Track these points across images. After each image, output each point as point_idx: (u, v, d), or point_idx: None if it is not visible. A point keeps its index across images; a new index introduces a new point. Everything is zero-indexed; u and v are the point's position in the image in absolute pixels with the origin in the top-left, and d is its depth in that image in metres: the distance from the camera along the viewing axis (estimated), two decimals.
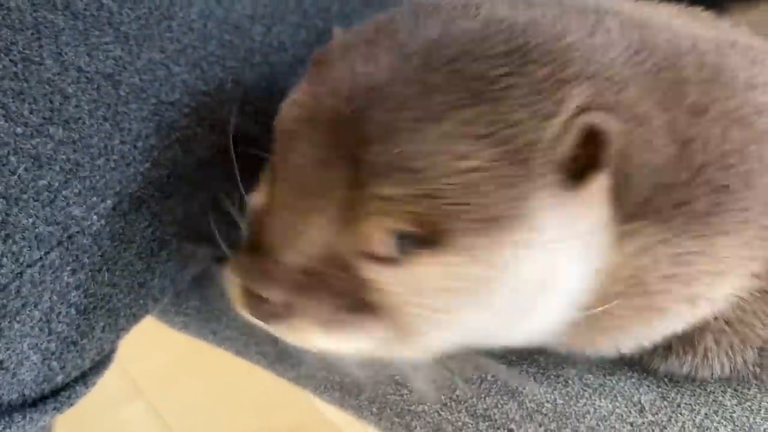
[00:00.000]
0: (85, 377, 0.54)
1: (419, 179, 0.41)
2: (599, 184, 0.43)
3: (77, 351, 0.52)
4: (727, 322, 0.49)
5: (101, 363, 0.56)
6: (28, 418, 0.50)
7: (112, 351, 0.56)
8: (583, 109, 0.42)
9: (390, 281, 0.44)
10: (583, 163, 0.42)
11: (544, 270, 0.44)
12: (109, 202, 0.51)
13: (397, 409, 0.54)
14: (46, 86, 0.49)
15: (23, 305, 0.48)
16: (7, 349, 0.48)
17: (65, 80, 0.49)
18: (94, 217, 0.50)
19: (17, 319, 0.48)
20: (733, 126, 0.46)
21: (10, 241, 0.47)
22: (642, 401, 0.50)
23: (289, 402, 1.28)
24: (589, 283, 0.46)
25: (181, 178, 0.55)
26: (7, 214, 0.46)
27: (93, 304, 0.51)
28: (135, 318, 0.56)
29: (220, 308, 0.60)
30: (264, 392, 1.30)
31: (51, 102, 0.48)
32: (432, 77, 0.42)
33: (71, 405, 0.53)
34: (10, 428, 0.49)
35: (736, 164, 0.45)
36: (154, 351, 1.32)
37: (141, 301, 0.55)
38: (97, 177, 0.50)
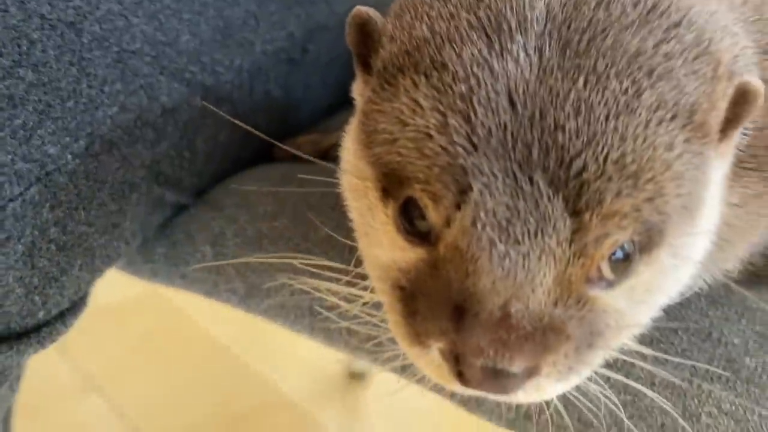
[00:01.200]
0: (64, 316, 0.56)
1: (640, 184, 0.38)
2: (735, 139, 0.44)
3: (57, 287, 0.54)
4: None
5: (77, 304, 0.58)
6: (15, 349, 0.52)
7: (86, 294, 0.58)
8: (731, 71, 0.41)
9: (616, 299, 0.41)
10: (726, 119, 0.42)
11: (707, 235, 0.44)
12: (81, 142, 0.53)
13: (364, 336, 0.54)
14: (12, 32, 0.51)
15: (7, 238, 0.50)
16: None
17: (29, 26, 0.52)
18: (69, 156, 0.52)
19: (2, 251, 0.50)
20: None
21: None
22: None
23: (249, 385, 1.29)
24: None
25: (147, 124, 0.57)
26: None
27: (71, 241, 0.54)
28: (109, 260, 0.58)
29: (188, 252, 0.63)
30: (222, 377, 1.31)
31: (18, 46, 0.51)
32: (589, 62, 0.39)
33: (52, 341, 0.55)
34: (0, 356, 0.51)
35: None
36: (106, 344, 1.32)
37: (114, 243, 0.58)
38: (69, 118, 0.53)
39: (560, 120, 0.38)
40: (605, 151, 0.38)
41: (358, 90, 0.48)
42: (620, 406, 0.48)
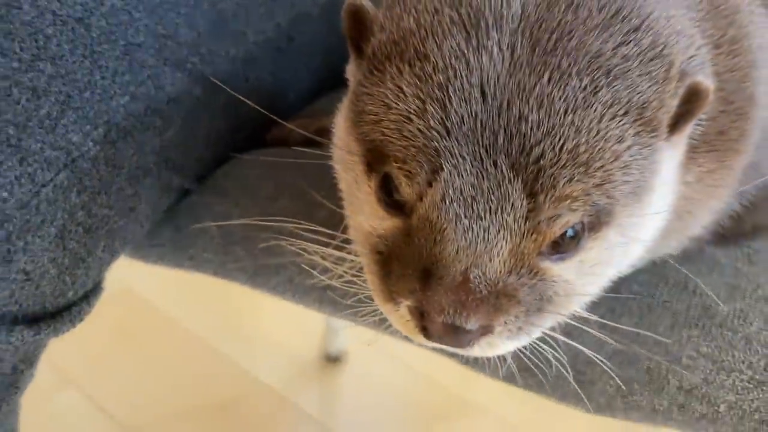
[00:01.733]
0: (88, 297, 0.60)
1: (591, 171, 0.43)
2: (687, 131, 0.49)
3: (84, 268, 0.57)
4: None
5: (97, 287, 0.61)
6: (52, 327, 0.55)
7: (102, 279, 0.61)
8: (683, 72, 0.46)
9: (566, 270, 0.46)
10: (678, 114, 0.47)
11: (657, 216, 0.49)
12: (100, 130, 0.57)
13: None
14: (29, 27, 0.55)
15: (42, 221, 0.53)
16: (32, 262, 0.54)
17: (43, 22, 0.55)
18: (90, 143, 0.56)
19: (38, 234, 0.53)
20: (738, 54, 0.52)
21: (25, 163, 0.53)
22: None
23: (226, 375, 1.30)
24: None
25: (155, 112, 0.61)
26: (19, 139, 0.53)
27: (95, 224, 0.57)
28: (125, 242, 0.62)
29: (195, 234, 0.66)
30: (199, 368, 1.32)
31: (36, 41, 0.54)
32: (554, 60, 0.44)
33: (80, 320, 0.59)
34: (39, 334, 0.54)
35: (746, 88, 0.52)
36: (80, 340, 1.32)
37: (131, 226, 0.61)
38: (87, 108, 0.56)
39: (524, 112, 0.43)
40: (561, 141, 0.43)
41: (350, 72, 0.52)
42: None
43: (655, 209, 0.48)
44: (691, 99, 0.46)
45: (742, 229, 0.60)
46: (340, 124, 0.52)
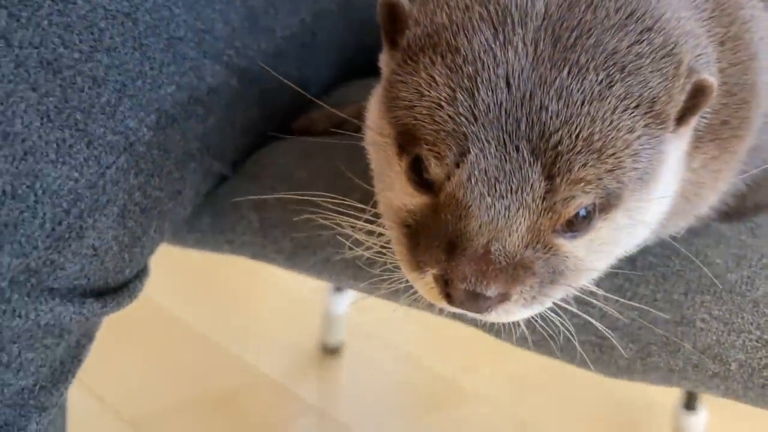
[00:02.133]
0: (140, 275, 0.63)
1: (603, 158, 0.47)
2: (692, 123, 0.53)
3: (140, 246, 0.61)
4: None
5: (146, 267, 0.64)
6: (115, 301, 0.59)
7: (148, 262, 0.65)
8: (690, 69, 0.50)
9: (577, 247, 0.50)
10: (685, 108, 0.51)
11: (661, 201, 0.53)
12: (152, 117, 0.60)
13: None
14: (84, 21, 0.58)
15: (107, 201, 0.57)
16: (99, 238, 0.57)
17: (96, 16, 0.59)
18: (145, 129, 0.60)
19: (104, 213, 0.57)
20: (740, 48, 0.56)
21: (92, 146, 0.56)
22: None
23: (226, 367, 1.32)
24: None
25: (197, 101, 0.64)
26: (85, 124, 0.56)
27: (150, 205, 0.61)
28: (172, 225, 0.65)
29: (234, 219, 0.69)
30: (199, 361, 1.34)
31: (92, 34, 0.58)
32: (574, 56, 0.48)
33: (135, 297, 0.62)
34: (105, 307, 0.57)
35: (747, 80, 0.57)
36: None
37: (177, 208, 0.65)
38: (140, 96, 0.60)
39: (545, 102, 0.47)
40: (578, 129, 0.47)
41: (384, 61, 0.56)
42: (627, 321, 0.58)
43: (661, 194, 0.52)
44: (697, 94, 0.51)
45: (745, 207, 0.65)
46: (374, 109, 0.56)
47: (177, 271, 1.53)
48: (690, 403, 1.14)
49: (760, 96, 0.58)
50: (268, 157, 0.73)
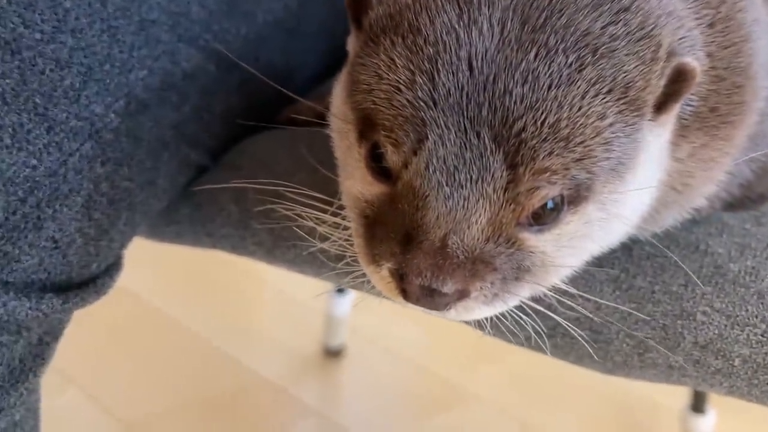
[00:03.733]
0: (110, 270, 0.60)
1: (571, 146, 0.44)
2: (674, 111, 0.50)
3: (108, 240, 0.58)
4: None
5: (118, 261, 0.62)
6: (79, 297, 0.56)
7: (122, 256, 0.62)
8: (670, 53, 0.47)
9: (543, 242, 0.47)
10: (666, 94, 0.48)
11: (642, 194, 0.50)
12: (121, 102, 0.58)
13: None
14: (49, 1, 0.55)
15: (70, 190, 0.54)
16: (60, 230, 0.54)
17: None
18: (112, 115, 0.57)
19: (66, 203, 0.54)
20: (731, 30, 0.53)
21: (53, 132, 0.54)
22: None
23: (227, 370, 1.31)
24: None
25: (172, 87, 0.62)
26: (45, 108, 0.54)
27: (118, 196, 0.58)
28: (145, 217, 0.62)
29: (213, 211, 0.66)
30: (199, 364, 1.32)
31: (56, 14, 0.55)
32: (543, 37, 0.45)
33: (105, 293, 0.59)
34: (67, 303, 0.55)
35: (740, 62, 0.53)
36: (80, 340, 1.32)
37: (150, 200, 0.62)
38: (107, 80, 0.57)
39: (509, 86, 0.44)
40: (543, 115, 0.44)
41: (351, 44, 0.54)
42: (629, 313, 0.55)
43: (639, 186, 0.49)
44: (679, 79, 0.47)
45: (750, 196, 0.62)
46: (338, 94, 0.54)
47: (176, 273, 1.53)
48: (698, 404, 1.10)
49: (756, 79, 0.55)
50: (251, 147, 0.70)
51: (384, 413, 1.27)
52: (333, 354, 1.36)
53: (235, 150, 0.70)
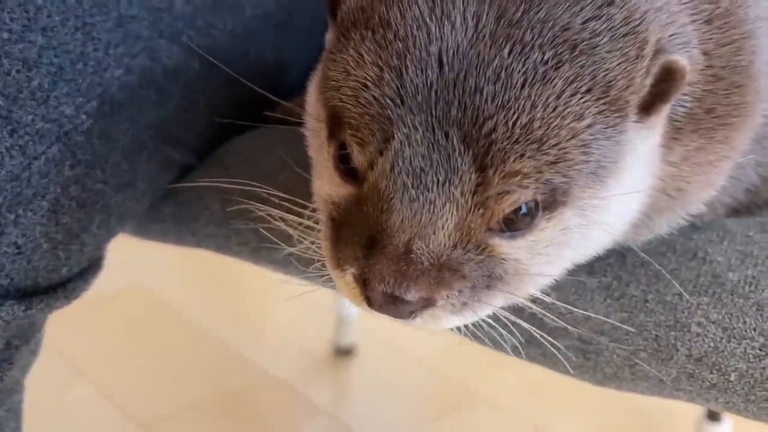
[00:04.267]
0: (84, 274, 0.58)
1: (544, 148, 0.42)
2: (664, 112, 0.47)
3: (79, 244, 0.56)
4: None
5: (94, 264, 0.60)
6: (44, 303, 0.54)
7: (101, 256, 0.61)
8: (658, 50, 0.44)
9: (516, 249, 0.45)
10: (654, 95, 0.45)
11: (628, 200, 0.47)
12: (93, 103, 0.56)
13: None
14: None
15: (34, 194, 0.53)
16: (24, 235, 0.53)
17: None
18: (83, 116, 0.55)
19: (30, 207, 0.53)
20: (731, 26, 0.50)
21: (16, 135, 0.52)
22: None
23: (238, 368, 1.30)
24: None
25: (151, 85, 0.60)
26: (9, 110, 0.52)
27: (90, 199, 0.56)
28: (122, 219, 0.61)
29: (197, 210, 0.65)
30: (210, 362, 1.32)
31: (26, 12, 0.54)
32: (518, 32, 0.42)
33: (75, 297, 0.57)
34: (30, 309, 0.53)
35: (739, 61, 0.50)
36: (93, 336, 1.33)
37: (128, 202, 0.60)
38: (80, 80, 0.55)
39: (480, 84, 0.42)
40: (515, 115, 0.41)
41: (327, 39, 0.52)
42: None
43: (624, 191, 0.46)
44: (667, 78, 0.45)
45: (757, 202, 0.59)
46: (312, 91, 0.52)
47: (189, 273, 1.53)
48: (713, 412, 1.07)
49: (758, 79, 0.51)
50: (239, 145, 0.69)
51: (393, 414, 1.26)
52: (343, 354, 1.35)
53: (222, 149, 0.69)
